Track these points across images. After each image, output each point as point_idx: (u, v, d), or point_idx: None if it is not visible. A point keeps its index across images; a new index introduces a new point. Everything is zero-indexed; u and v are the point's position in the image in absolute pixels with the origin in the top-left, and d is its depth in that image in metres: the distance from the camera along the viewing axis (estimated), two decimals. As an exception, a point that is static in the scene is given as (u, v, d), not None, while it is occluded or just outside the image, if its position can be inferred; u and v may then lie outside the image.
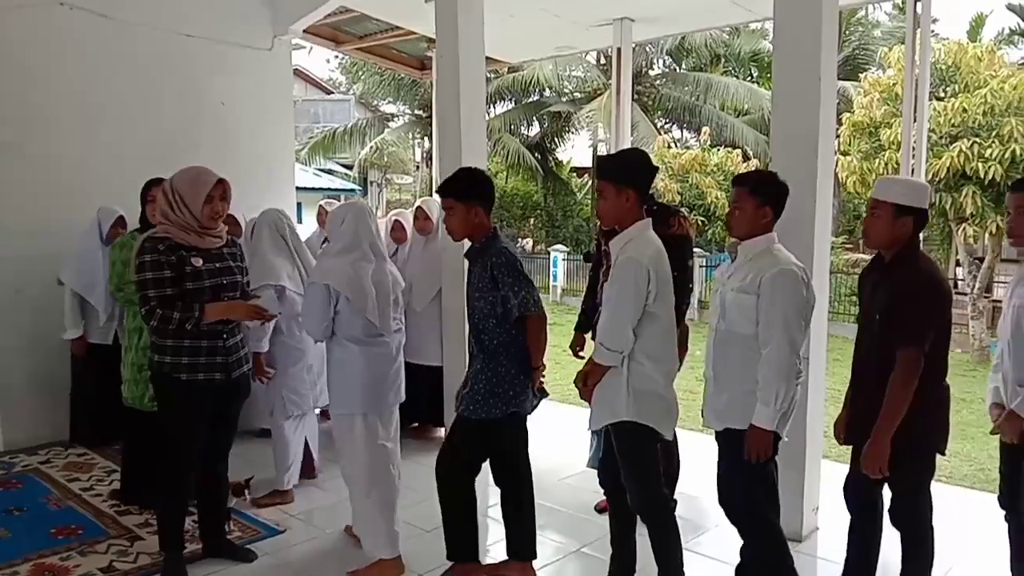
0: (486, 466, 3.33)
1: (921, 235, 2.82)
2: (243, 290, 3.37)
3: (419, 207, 5.33)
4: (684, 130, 23.84)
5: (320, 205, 6.30)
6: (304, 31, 6.82)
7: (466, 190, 3.16)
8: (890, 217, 2.70)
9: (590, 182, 25.12)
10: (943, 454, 2.78)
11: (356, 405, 3.34)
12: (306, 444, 4.42)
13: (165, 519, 3.38)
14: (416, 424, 5.39)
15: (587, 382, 2.93)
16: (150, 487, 3.73)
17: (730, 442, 2.81)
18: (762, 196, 2.79)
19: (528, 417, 3.30)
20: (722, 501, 2.91)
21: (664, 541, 2.94)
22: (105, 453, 5.02)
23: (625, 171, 2.91)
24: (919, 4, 4.66)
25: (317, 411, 4.55)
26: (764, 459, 2.72)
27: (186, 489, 3.36)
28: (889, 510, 2.86)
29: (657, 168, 3.22)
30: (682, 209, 9.96)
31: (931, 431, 2.73)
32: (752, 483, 2.81)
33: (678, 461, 3.98)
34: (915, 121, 4.72)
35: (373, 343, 3.35)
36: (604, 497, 4.20)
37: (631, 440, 2.88)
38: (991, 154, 11.68)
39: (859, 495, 2.93)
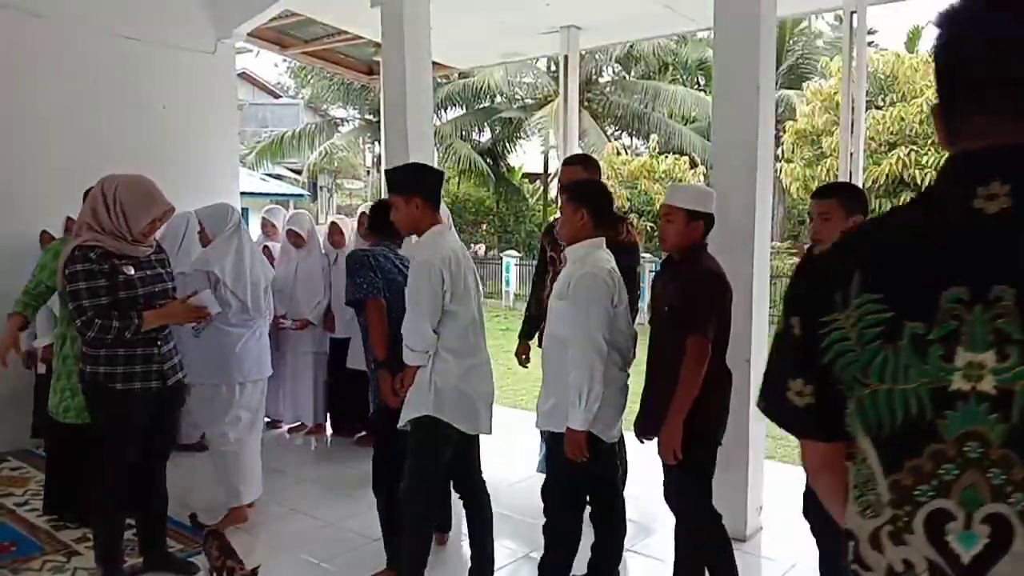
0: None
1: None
2: (173, 296, 3.31)
3: (363, 213, 5.29)
4: (633, 137, 24.10)
5: (263, 216, 6.13)
6: (249, 34, 6.71)
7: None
8: (683, 222, 2.84)
9: (542, 187, 25.27)
10: (720, 443, 2.93)
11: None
12: None
13: (102, 533, 3.28)
14: (364, 433, 5.34)
15: (403, 383, 3.07)
16: (80, 499, 3.70)
17: (551, 444, 2.98)
18: (576, 200, 2.93)
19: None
20: (544, 498, 3.08)
21: (411, 538, 3.09)
22: (42, 467, 4.86)
23: (408, 181, 3.07)
24: (855, 16, 4.80)
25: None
26: (582, 459, 2.85)
27: (123, 501, 3.27)
28: (664, 493, 2.99)
29: (442, 173, 3.34)
30: (630, 216, 10.02)
31: (710, 420, 2.86)
32: (562, 487, 2.99)
33: (626, 464, 4.02)
34: (853, 129, 4.85)
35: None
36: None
37: (427, 435, 3.02)
38: (928, 161, 12.09)
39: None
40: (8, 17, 5.23)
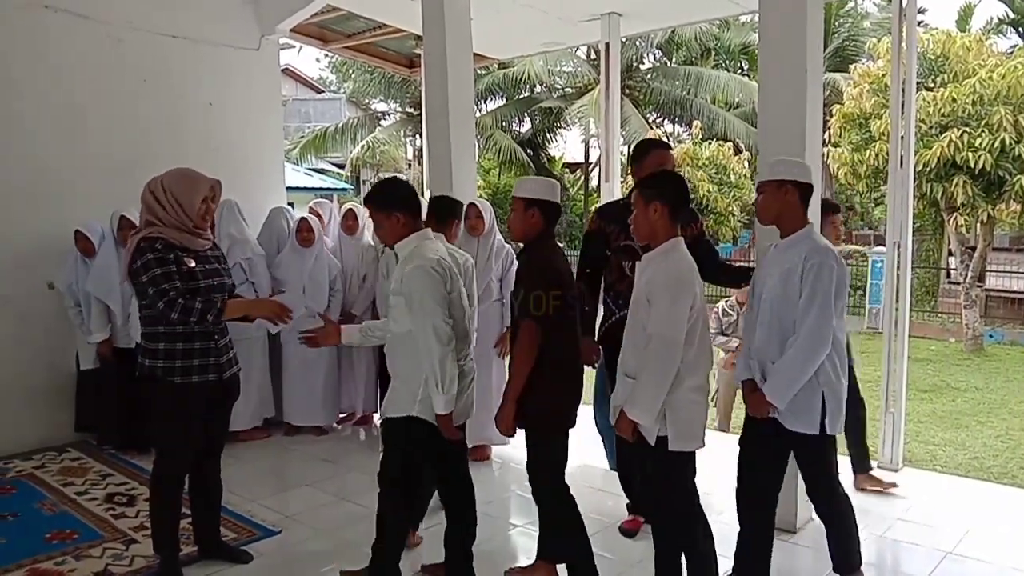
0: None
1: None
2: (231, 290, 3.38)
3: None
4: (675, 124, 23.85)
5: (310, 207, 6.22)
6: (291, 30, 6.78)
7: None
8: (521, 210, 3.05)
9: (583, 177, 25.15)
10: (571, 424, 3.05)
11: None
12: None
13: (160, 521, 3.36)
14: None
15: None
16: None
17: (388, 430, 3.05)
18: (384, 208, 2.98)
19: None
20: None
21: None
22: (100, 457, 5.02)
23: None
24: (905, -5, 4.66)
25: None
26: (455, 438, 2.99)
27: (180, 491, 3.35)
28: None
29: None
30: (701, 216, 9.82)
31: (548, 402, 2.98)
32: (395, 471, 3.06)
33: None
34: (903, 112, 4.72)
35: None
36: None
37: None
38: (981, 143, 11.68)
39: None
40: (57, 19, 5.34)
